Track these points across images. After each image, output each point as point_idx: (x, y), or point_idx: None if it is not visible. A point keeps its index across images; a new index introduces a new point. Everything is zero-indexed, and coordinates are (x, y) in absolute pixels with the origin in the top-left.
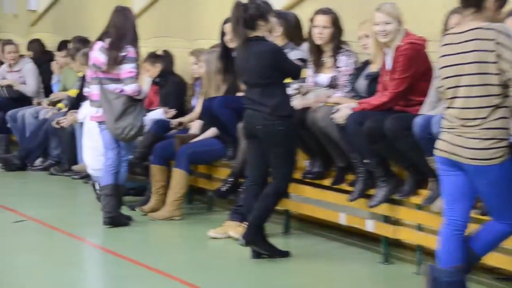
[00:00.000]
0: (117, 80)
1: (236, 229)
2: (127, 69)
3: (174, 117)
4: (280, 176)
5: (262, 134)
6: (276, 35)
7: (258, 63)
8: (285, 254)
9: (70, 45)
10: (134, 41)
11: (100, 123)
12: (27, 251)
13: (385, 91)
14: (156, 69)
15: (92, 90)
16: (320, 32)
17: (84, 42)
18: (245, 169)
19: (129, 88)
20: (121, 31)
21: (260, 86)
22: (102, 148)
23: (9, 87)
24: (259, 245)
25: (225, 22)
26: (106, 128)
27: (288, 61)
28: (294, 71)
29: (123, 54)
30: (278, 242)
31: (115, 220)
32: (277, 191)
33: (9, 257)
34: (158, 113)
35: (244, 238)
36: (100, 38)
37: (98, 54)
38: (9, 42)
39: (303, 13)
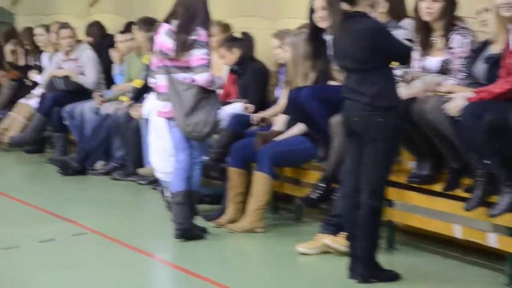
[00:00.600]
0: (187, 69)
1: (337, 240)
2: (198, 55)
3: (255, 111)
4: (373, 183)
5: (359, 128)
6: (380, 11)
7: (356, 45)
8: (395, 278)
9: (135, 28)
10: (205, 23)
11: (168, 119)
12: (85, 266)
13: (509, 77)
14: (234, 55)
15: (159, 80)
16: (429, 7)
17: (151, 24)
18: (339, 172)
19: (201, 78)
20: (191, 11)
21: (358, 71)
22: (172, 149)
23: (66, 78)
24: (379, 278)
25: None
26: (176, 125)
27: (393, 41)
28: (402, 54)
29: (193, 38)
30: (381, 259)
31: (188, 232)
32: (373, 208)
33: (66, 273)
34: (236, 107)
35: (360, 276)
36: (167, 20)
37: (164, 39)
38: (65, 25)
39: None
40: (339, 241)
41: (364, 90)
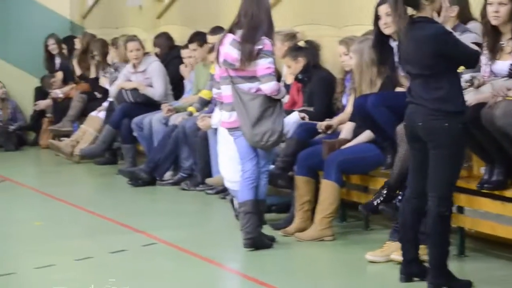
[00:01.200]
0: (252, 79)
1: (399, 250)
2: (263, 64)
3: (322, 119)
4: (439, 189)
5: (424, 133)
6: (451, 15)
7: (420, 51)
8: (468, 286)
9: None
10: (270, 32)
11: (234, 129)
12: (156, 277)
13: None
14: (299, 64)
15: (223, 91)
16: (496, 10)
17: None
18: (403, 179)
19: (267, 87)
20: (255, 21)
21: (423, 77)
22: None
23: (134, 90)
24: (451, 286)
25: (380, 3)
26: (242, 135)
27: (459, 46)
28: (469, 59)
29: (259, 47)
30: (451, 266)
31: (257, 241)
32: (441, 215)
33: (137, 284)
34: (292, 117)
35: (432, 283)
36: (231, 30)
37: (229, 49)
38: (132, 38)
39: None
40: None
41: (428, 95)
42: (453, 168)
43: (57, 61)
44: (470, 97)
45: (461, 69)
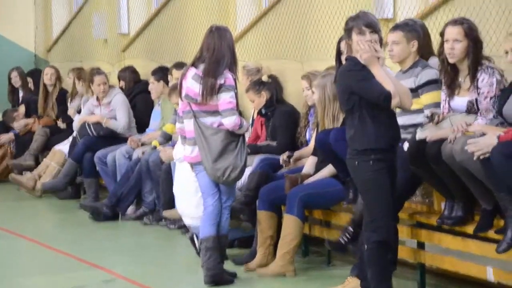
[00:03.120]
0: (215, 113)
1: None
2: (225, 99)
3: (283, 152)
4: (368, 217)
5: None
6: (412, 50)
7: (338, 86)
8: None
9: (171, 72)
10: (232, 66)
11: (195, 164)
12: None
13: None
14: (262, 98)
15: (186, 125)
16: (451, 47)
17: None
18: None
19: (229, 122)
20: (217, 55)
21: (346, 114)
22: (199, 193)
23: (97, 124)
24: None
25: (341, 39)
26: (204, 170)
27: (366, 83)
28: (377, 97)
29: (220, 82)
30: None
31: (218, 278)
32: (370, 241)
33: None
34: None
35: None
36: (193, 64)
37: (191, 83)
38: (98, 72)
39: (435, 25)
40: None
41: (347, 134)
42: (375, 200)
43: (21, 94)
44: (431, 132)
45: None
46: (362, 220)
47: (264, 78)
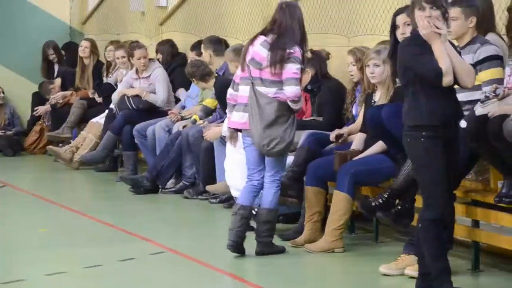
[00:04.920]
0: (274, 83)
1: (414, 265)
2: (291, 68)
3: (331, 129)
4: (425, 197)
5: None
6: (469, 26)
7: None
8: None
9: (202, 47)
10: (301, 42)
11: (243, 134)
12: (165, 285)
13: None
14: (307, 75)
15: (241, 91)
16: None
17: (218, 44)
18: (406, 189)
19: (291, 90)
20: (288, 30)
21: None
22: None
23: (137, 97)
24: None
25: (397, 13)
26: (250, 135)
27: (418, 59)
28: (428, 74)
29: (289, 51)
30: (464, 282)
31: (240, 247)
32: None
33: None
34: None
35: None
36: (263, 33)
37: (259, 49)
38: (138, 45)
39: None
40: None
41: (403, 109)
42: (428, 177)
43: (56, 68)
44: (494, 107)
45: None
46: (399, 192)
47: (308, 54)
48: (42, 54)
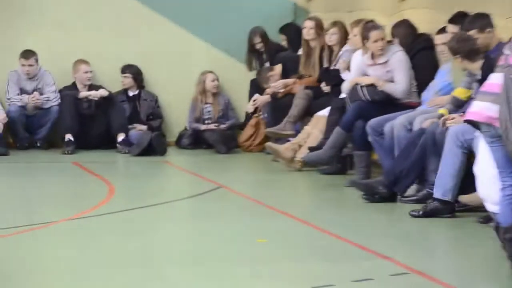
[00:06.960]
0: None
1: None
2: None
3: None
4: None
5: None
6: None
7: None
8: None
9: (448, 26)
10: None
11: (487, 129)
12: None
13: None
14: None
15: (491, 79)
16: None
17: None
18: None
19: None
20: None
21: None
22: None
23: (372, 86)
24: None
25: None
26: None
27: None
28: None
29: None
30: None
31: None
32: None
33: None
34: None
35: None
36: None
37: None
38: (374, 26)
39: None
40: None
41: None
42: None
43: (264, 57)
44: None
45: None
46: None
47: None
48: (248, 42)
